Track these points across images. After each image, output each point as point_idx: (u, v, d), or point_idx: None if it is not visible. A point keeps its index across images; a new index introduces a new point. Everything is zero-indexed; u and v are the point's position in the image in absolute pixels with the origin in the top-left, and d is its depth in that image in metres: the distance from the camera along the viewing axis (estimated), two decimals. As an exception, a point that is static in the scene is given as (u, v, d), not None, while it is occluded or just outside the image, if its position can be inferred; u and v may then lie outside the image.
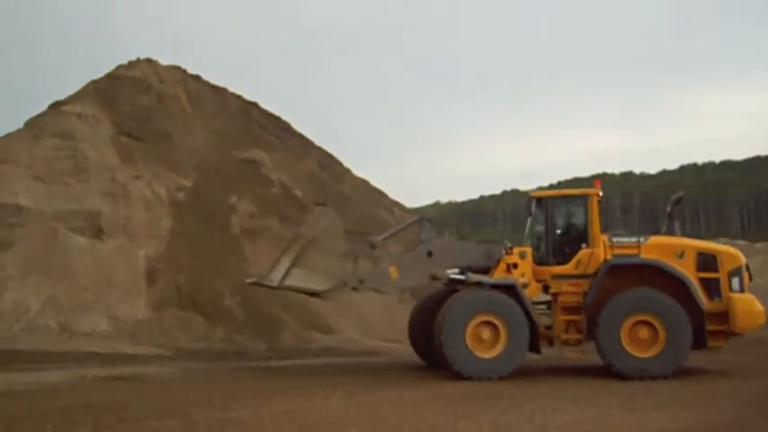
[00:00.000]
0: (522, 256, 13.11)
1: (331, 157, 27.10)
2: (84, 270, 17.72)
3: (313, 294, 13.45)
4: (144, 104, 22.89)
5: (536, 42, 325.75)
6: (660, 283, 12.23)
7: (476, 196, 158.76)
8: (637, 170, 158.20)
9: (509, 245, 13.51)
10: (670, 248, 12.61)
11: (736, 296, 12.17)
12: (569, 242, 13.24)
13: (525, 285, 12.76)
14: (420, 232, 13.97)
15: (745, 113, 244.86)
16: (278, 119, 26.71)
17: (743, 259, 12.62)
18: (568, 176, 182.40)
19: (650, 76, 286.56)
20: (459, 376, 11.95)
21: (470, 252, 13.85)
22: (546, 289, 13.19)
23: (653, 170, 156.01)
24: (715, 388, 10.87)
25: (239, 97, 26.26)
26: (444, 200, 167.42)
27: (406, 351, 15.01)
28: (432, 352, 13.02)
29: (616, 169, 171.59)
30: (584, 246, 12.95)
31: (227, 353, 16.05)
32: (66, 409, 8.10)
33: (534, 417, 8.31)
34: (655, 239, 12.94)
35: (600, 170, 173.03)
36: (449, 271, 13.35)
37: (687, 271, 12.34)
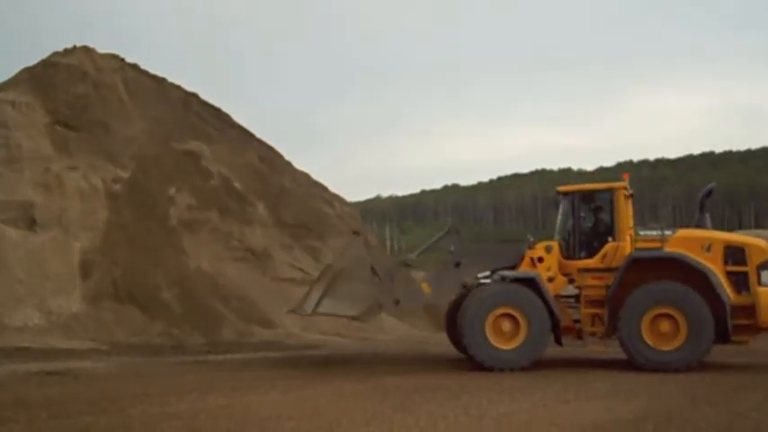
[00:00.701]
0: (548, 250, 13.28)
1: (271, 149, 26.89)
2: (17, 263, 17.25)
3: (353, 318, 13.67)
4: (80, 93, 22.35)
5: (476, 38, 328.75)
6: (683, 277, 12.17)
7: (417, 191, 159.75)
8: (575, 167, 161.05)
9: (532, 239, 13.74)
10: (697, 242, 12.52)
11: (764, 290, 11.95)
12: (596, 236, 13.34)
13: (551, 279, 13.00)
14: (448, 243, 14.10)
15: (680, 113, 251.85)
16: (218, 110, 26.39)
17: None
18: (508, 172, 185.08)
19: (590, 74, 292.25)
20: (480, 367, 12.39)
21: (497, 253, 14.19)
22: (572, 282, 13.36)
23: (590, 167, 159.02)
24: (650, 380, 11.15)
25: (179, 87, 25.84)
26: (385, 194, 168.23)
27: (346, 344, 15.06)
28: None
29: (555, 165, 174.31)
30: (610, 239, 13.02)
31: (165, 347, 15.84)
32: (-4, 404, 7.92)
33: (471, 408, 8.42)
34: (682, 233, 12.87)
35: (539, 166, 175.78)
36: (480, 275, 13.63)
37: (714, 264, 12.22)
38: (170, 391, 9.40)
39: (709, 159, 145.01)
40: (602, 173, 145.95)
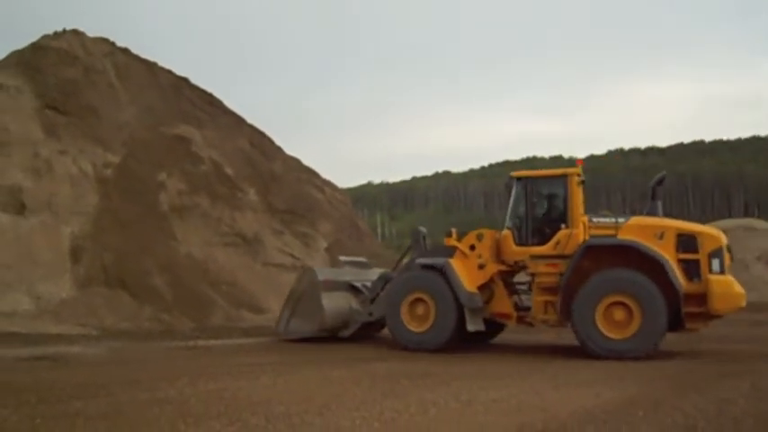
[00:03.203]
0: (479, 238, 13.55)
1: (263, 134, 26.84)
2: (6, 247, 17.18)
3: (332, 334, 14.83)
4: (70, 77, 22.19)
5: (467, 26, 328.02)
6: (637, 265, 12.16)
7: (408, 177, 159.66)
8: (566, 155, 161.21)
9: (423, 230, 14.78)
10: (650, 229, 12.50)
11: (715, 277, 11.96)
12: (549, 222, 13.32)
13: (482, 266, 13.32)
14: (413, 249, 14.96)
15: (670, 102, 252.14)
16: (209, 95, 26.31)
17: (724, 240, 12.44)
18: (499, 159, 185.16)
19: (581, 62, 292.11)
20: (401, 347, 13.29)
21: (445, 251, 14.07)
22: (524, 269, 13.60)
23: (581, 155, 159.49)
24: (638, 367, 11.20)
25: (170, 72, 25.72)
26: (376, 180, 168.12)
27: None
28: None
29: (546, 153, 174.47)
30: (563, 226, 12.96)
31: (155, 332, 15.82)
32: (-15, 389, 7.90)
33: (461, 394, 8.45)
34: (635, 220, 12.87)
35: (530, 154, 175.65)
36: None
37: (666, 252, 12.19)
38: (160, 376, 9.39)
39: (699, 148, 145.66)
40: (592, 160, 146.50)
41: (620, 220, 12.85)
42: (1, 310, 15.81)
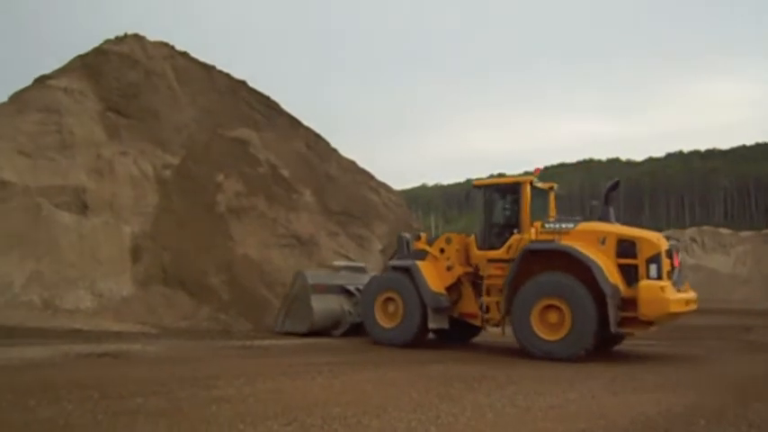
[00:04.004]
0: (448, 241, 14.48)
1: (318, 137, 26.97)
2: (69, 246, 17.61)
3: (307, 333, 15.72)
4: (131, 80, 22.68)
5: (526, 28, 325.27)
6: (573, 268, 12.40)
7: (462, 179, 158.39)
8: (623, 157, 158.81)
9: (407, 235, 15.63)
10: (593, 234, 12.78)
11: (644, 283, 12.09)
12: (504, 228, 13.99)
13: (449, 268, 14.16)
14: (397, 253, 15.70)
15: (732, 102, 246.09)
16: (266, 98, 26.52)
17: (663, 246, 12.48)
18: (555, 162, 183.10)
19: (639, 64, 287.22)
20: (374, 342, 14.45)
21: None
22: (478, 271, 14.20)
23: (639, 157, 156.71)
24: (699, 374, 10.96)
25: (227, 75, 26.04)
26: (431, 182, 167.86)
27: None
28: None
29: (603, 155, 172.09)
30: (515, 231, 13.58)
31: (212, 331, 16.04)
32: (50, 384, 8.06)
33: (517, 399, 8.34)
34: (582, 226, 13.12)
35: (586, 156, 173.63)
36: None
37: (607, 257, 12.44)
38: (218, 375, 9.48)
39: (763, 150, 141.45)
40: (650, 163, 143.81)
41: (569, 225, 13.17)
42: (64, 306, 16.22)
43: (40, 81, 21.80)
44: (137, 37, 24.39)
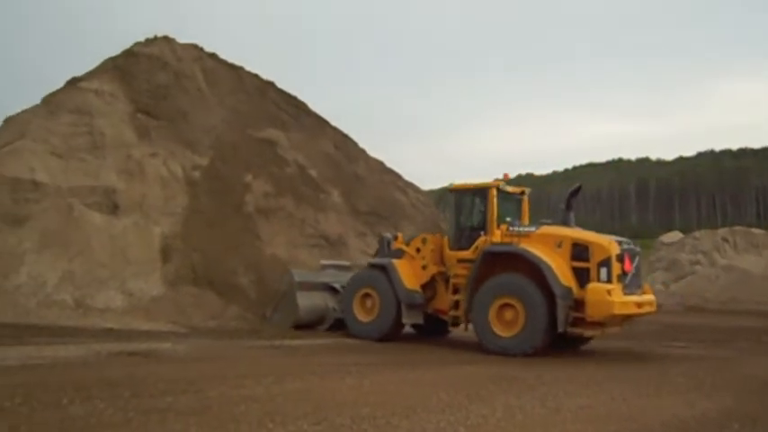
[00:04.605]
0: (424, 242, 15.31)
1: (346, 137, 27.02)
2: (100, 246, 17.80)
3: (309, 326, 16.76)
4: (161, 82, 22.86)
5: (553, 26, 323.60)
6: (528, 270, 13.05)
7: (490, 180, 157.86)
8: (653, 156, 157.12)
9: (389, 235, 16.37)
10: (551, 238, 13.41)
11: (591, 285, 12.60)
12: (473, 230, 14.63)
13: (425, 267, 15.00)
14: (379, 251, 16.45)
15: (764, 101, 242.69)
16: (294, 98, 26.62)
17: (614, 251, 12.87)
18: (584, 161, 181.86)
19: (668, 62, 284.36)
20: (350, 335, 15.33)
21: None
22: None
23: (669, 157, 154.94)
24: (730, 376, 10.82)
25: (256, 76, 26.17)
26: (459, 182, 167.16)
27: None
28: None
29: (632, 155, 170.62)
30: (482, 233, 14.26)
31: (241, 331, 16.11)
32: (82, 383, 8.13)
33: (547, 400, 8.29)
34: (543, 229, 13.76)
35: (615, 156, 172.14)
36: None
37: (562, 260, 13.05)
38: (247, 374, 9.52)
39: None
40: (680, 163, 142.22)
41: (530, 228, 13.91)
42: (96, 306, 16.39)
43: (72, 83, 22.04)
44: (166, 39, 24.58)
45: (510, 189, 14.87)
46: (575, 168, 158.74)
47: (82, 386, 7.93)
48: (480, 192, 14.70)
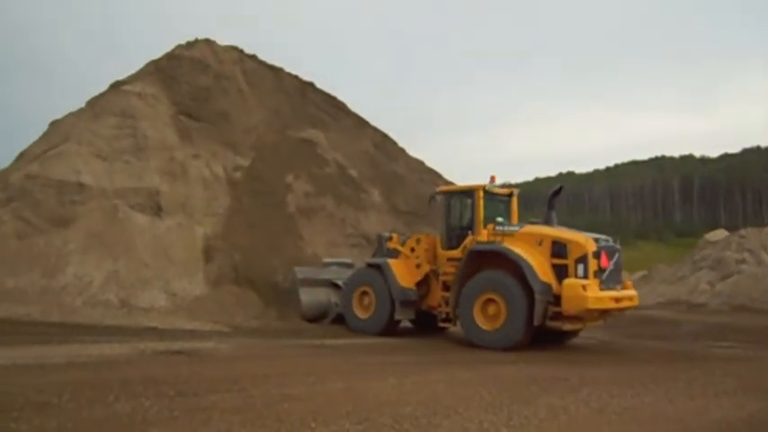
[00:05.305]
0: (418, 242, 15.99)
1: (385, 136, 27.05)
2: (144, 247, 18.06)
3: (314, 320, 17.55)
4: (202, 84, 23.13)
5: (594, 22, 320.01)
6: (510, 267, 13.60)
7: (530, 178, 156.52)
8: (697, 153, 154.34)
9: (386, 234, 16.92)
10: (533, 237, 13.93)
11: (567, 281, 13.07)
12: (462, 230, 15.19)
13: (419, 265, 15.68)
14: (377, 250, 16.96)
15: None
16: (333, 99, 26.75)
17: (590, 248, 13.31)
18: (626, 159, 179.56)
19: (712, 57, 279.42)
20: (350, 330, 15.99)
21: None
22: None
23: (714, 153, 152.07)
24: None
25: (295, 77, 26.35)
26: (498, 181, 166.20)
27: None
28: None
29: (676, 152, 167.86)
30: (470, 233, 14.82)
31: (283, 330, 16.19)
32: (127, 381, 8.24)
33: (591, 401, 8.19)
34: (526, 228, 14.27)
35: (658, 153, 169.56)
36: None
37: (543, 257, 13.56)
38: (289, 373, 9.56)
39: None
40: (726, 159, 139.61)
41: (514, 228, 14.40)
42: (140, 305, 16.64)
43: (116, 86, 22.42)
44: (207, 42, 24.88)
45: (498, 190, 15.42)
46: (616, 166, 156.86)
47: (127, 384, 8.04)
48: (467, 193, 15.34)
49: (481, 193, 14.91)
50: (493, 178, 15.37)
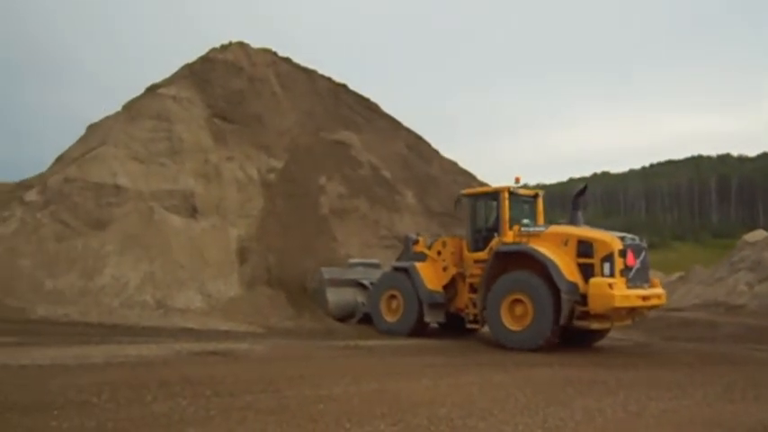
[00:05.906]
0: (444, 245, 16.07)
1: (419, 138, 27.01)
2: (180, 248, 18.23)
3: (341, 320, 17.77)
4: (236, 87, 23.31)
5: (630, 23, 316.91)
6: (536, 267, 13.63)
7: (564, 179, 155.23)
8: (735, 153, 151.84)
9: (414, 236, 17.10)
10: (559, 237, 13.95)
11: (594, 280, 13.10)
12: (488, 231, 15.26)
13: (445, 268, 15.80)
14: (404, 252, 17.14)
15: None
16: (366, 100, 26.78)
17: (616, 246, 13.29)
18: (662, 159, 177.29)
19: (749, 56, 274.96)
20: (379, 332, 16.14)
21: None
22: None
23: (752, 153, 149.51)
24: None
25: (328, 79, 26.43)
26: (532, 182, 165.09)
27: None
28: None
29: (713, 152, 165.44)
30: (496, 235, 14.87)
31: (316, 331, 16.25)
32: (164, 381, 8.33)
33: (629, 404, 8.09)
34: (552, 229, 14.36)
35: (695, 152, 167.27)
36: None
37: (568, 257, 13.58)
38: (323, 374, 9.59)
39: None
40: (764, 159, 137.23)
41: (540, 228, 14.45)
42: (176, 306, 16.80)
43: (151, 90, 22.67)
44: (241, 45, 25.05)
45: (522, 192, 15.44)
46: (652, 166, 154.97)
47: (164, 384, 8.13)
48: (492, 195, 15.40)
49: (506, 195, 14.93)
50: (518, 179, 15.35)
